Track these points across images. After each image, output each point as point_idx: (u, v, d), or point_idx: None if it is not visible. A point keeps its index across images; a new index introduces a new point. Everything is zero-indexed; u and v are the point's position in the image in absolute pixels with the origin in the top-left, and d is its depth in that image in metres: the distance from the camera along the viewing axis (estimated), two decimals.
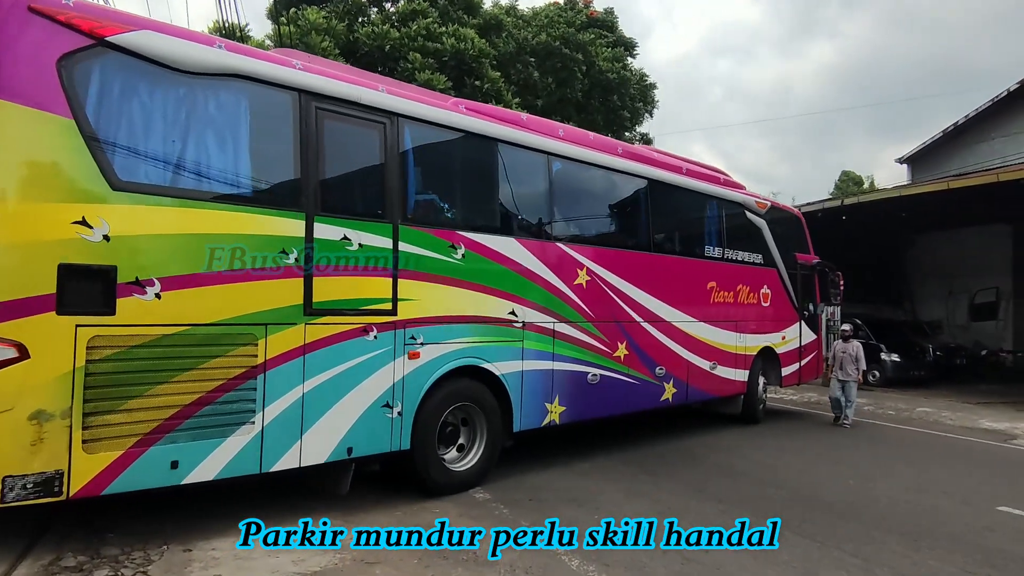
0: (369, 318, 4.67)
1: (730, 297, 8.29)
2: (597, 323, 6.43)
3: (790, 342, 9.68)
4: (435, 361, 5.07)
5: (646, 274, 7.08)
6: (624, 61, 15.70)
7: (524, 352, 5.76)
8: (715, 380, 8.06)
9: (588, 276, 6.37)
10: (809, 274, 10.33)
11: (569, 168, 6.39)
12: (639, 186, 7.15)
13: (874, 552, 4.26)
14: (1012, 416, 11.11)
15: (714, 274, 8.05)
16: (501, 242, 5.61)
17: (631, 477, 5.97)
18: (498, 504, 5.02)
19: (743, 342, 8.55)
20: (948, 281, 18.62)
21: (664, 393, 7.24)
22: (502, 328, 5.59)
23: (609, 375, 6.55)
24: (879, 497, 5.64)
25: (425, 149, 5.33)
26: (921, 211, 15.24)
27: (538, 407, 5.90)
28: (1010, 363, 16.59)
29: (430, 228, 5.13)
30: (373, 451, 4.71)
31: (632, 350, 6.80)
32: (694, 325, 7.67)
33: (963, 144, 19.14)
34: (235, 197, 4.11)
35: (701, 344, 7.77)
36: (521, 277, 5.76)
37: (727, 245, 8.31)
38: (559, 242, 6.15)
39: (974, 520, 5.10)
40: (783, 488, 5.80)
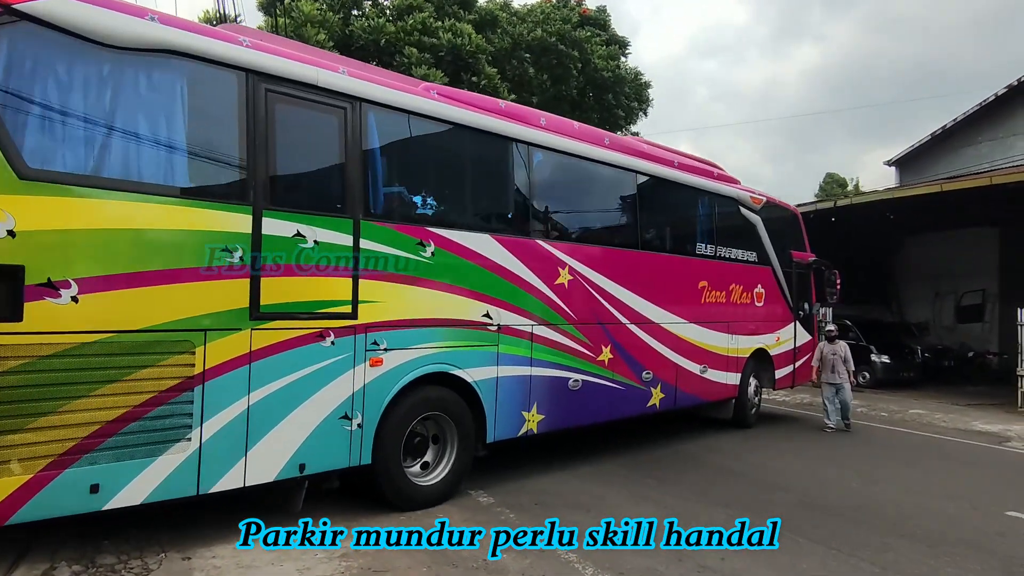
0: (325, 322, 4.29)
1: (722, 297, 7.94)
2: (580, 325, 6.08)
3: (784, 343, 9.36)
4: (400, 368, 4.70)
5: (633, 273, 6.72)
6: (619, 59, 15.69)
7: (499, 357, 5.40)
8: (705, 384, 7.72)
9: (570, 275, 6.00)
10: (805, 272, 10.00)
11: (551, 160, 6.00)
12: (627, 180, 6.77)
13: (891, 560, 4.20)
14: (1004, 418, 11.11)
15: (706, 273, 7.70)
16: (475, 239, 5.23)
17: (635, 481, 5.85)
18: (503, 508, 4.90)
19: (735, 344, 8.22)
20: (935, 283, 18.76)
21: (651, 398, 6.90)
22: (475, 332, 5.22)
23: (592, 380, 6.20)
24: (885, 501, 5.58)
25: (391, 138, 4.93)
26: (909, 213, 15.31)
27: (514, 416, 5.55)
28: (996, 365, 16.63)
29: (396, 224, 4.74)
30: (329, 467, 4.35)
31: (617, 354, 6.45)
32: (684, 326, 7.33)
33: (951, 148, 19.42)
34: (168, 188, 3.71)
35: (691, 346, 7.43)
36: (497, 277, 5.38)
37: (720, 242, 7.96)
38: (539, 239, 5.78)
39: (984, 525, 5.05)
40: (788, 491, 5.73)
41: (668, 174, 7.21)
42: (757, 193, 8.76)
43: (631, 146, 6.98)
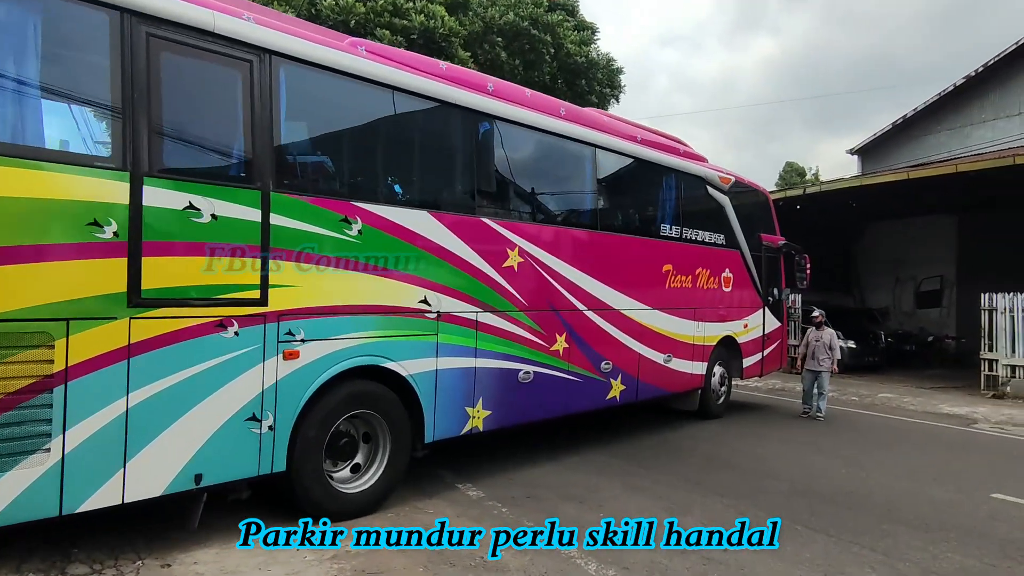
0: (227, 309, 3.74)
1: (688, 282, 7.56)
2: (531, 312, 5.61)
3: (752, 330, 9.04)
4: (321, 361, 4.18)
5: (591, 256, 6.28)
6: (591, 44, 15.62)
7: (439, 348, 4.91)
8: (670, 374, 7.35)
9: (521, 258, 5.52)
10: (775, 257, 9.68)
11: (500, 130, 5.48)
12: (585, 154, 6.30)
13: (892, 546, 4.24)
14: (968, 401, 11.40)
15: (670, 256, 7.29)
16: (411, 217, 4.71)
17: (625, 471, 5.80)
18: (495, 503, 4.80)
19: (701, 331, 7.87)
20: (895, 269, 19.31)
21: (611, 391, 6.50)
22: (411, 320, 4.72)
23: (545, 372, 5.76)
24: (874, 487, 5.65)
25: (310, 98, 4.36)
26: (871, 201, 15.59)
27: (457, 412, 5.08)
28: (953, 349, 17.25)
29: (315, 198, 4.19)
30: (233, 476, 3.82)
31: (573, 343, 6.02)
32: (647, 313, 6.93)
33: (911, 136, 19.97)
34: (20, 149, 3.10)
35: (654, 335, 7.04)
36: (436, 259, 4.88)
37: (686, 224, 7.55)
38: (486, 217, 5.27)
39: (974, 509, 5.15)
40: (779, 479, 5.76)
41: (630, 149, 6.75)
42: (725, 172, 8.38)
43: (590, 118, 6.49)
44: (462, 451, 5.92)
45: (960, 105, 19.07)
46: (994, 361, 12.33)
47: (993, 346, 12.32)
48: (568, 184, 6.33)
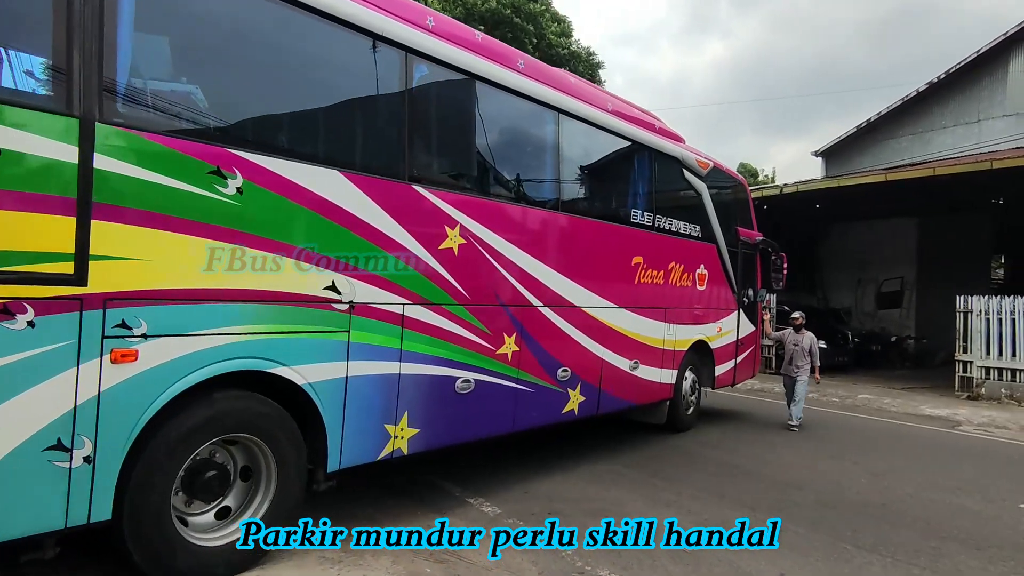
0: (13, 288, 2.59)
1: (659, 277, 6.66)
2: (474, 307, 4.59)
3: (726, 335, 8.23)
4: (172, 365, 3.04)
5: (550, 241, 5.30)
6: (571, 36, 15.47)
7: (351, 349, 3.83)
8: (636, 384, 6.42)
9: (463, 239, 4.49)
10: (751, 254, 8.87)
11: (439, 77, 4.42)
12: (546, 119, 5.29)
13: (952, 569, 4.01)
14: (945, 402, 11.52)
15: (641, 247, 6.37)
16: (315, 176, 3.61)
17: (643, 483, 5.50)
18: (515, 520, 4.41)
19: (672, 334, 6.98)
20: (858, 271, 19.67)
21: (568, 403, 5.53)
22: (313, 312, 3.62)
23: (489, 381, 4.74)
24: (902, 497, 5.47)
25: (165, 5, 3.21)
26: (836, 203, 15.81)
27: (373, 431, 4.01)
28: (914, 349, 17.87)
29: (169, 137, 3.06)
30: (20, 533, 2.67)
31: (525, 345, 5.02)
32: (612, 312, 5.98)
33: (874, 140, 20.49)
34: None
35: (620, 337, 6.10)
36: (350, 234, 3.79)
37: (659, 211, 6.64)
38: (419, 185, 4.22)
39: (1014, 522, 4.98)
40: (802, 489, 5.54)
41: (600, 118, 5.78)
42: (704, 156, 7.52)
43: (555, 78, 5.47)
44: (461, 460, 5.59)
45: (922, 111, 19.49)
46: (968, 363, 12.37)
47: (968, 348, 12.29)
48: (525, 154, 5.31)
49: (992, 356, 11.97)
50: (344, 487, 4.70)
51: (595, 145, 5.91)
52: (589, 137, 5.76)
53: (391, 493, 4.83)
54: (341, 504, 4.46)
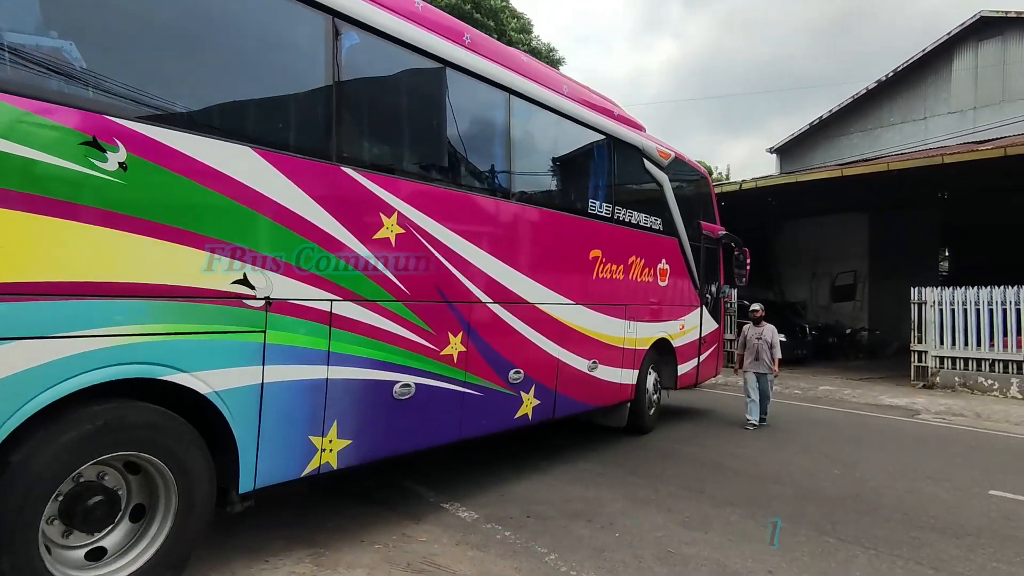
0: None
1: (619, 272, 6.35)
2: (415, 304, 4.15)
3: (689, 332, 7.94)
4: (36, 373, 2.52)
5: (501, 233, 4.90)
6: (532, 33, 15.27)
7: (268, 351, 3.35)
8: (595, 385, 6.07)
9: (401, 228, 4.05)
10: (714, 248, 8.62)
11: (374, 48, 3.98)
12: (495, 100, 4.89)
13: (935, 557, 4.00)
14: (903, 392, 11.80)
15: (599, 239, 6.02)
16: (221, 152, 3.12)
17: (621, 481, 5.38)
18: (494, 525, 4.24)
19: (633, 332, 6.66)
20: (812, 265, 20.13)
21: (521, 407, 5.14)
22: (218, 309, 3.13)
23: (433, 384, 4.31)
24: (875, 487, 5.48)
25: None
26: (792, 199, 16.15)
27: (296, 444, 3.54)
28: (867, 341, 18.32)
29: (33, 100, 2.54)
30: None
31: (473, 345, 4.61)
32: (569, 309, 5.62)
33: (826, 137, 21.10)
34: None
35: (578, 336, 5.74)
36: (266, 220, 3.31)
37: (619, 202, 6.32)
38: (349, 167, 3.76)
39: (985, 509, 5.01)
40: (780, 483, 5.51)
41: (555, 102, 5.40)
42: (665, 146, 7.25)
43: (504, 54, 5.06)
44: (433, 463, 5.40)
45: (871, 108, 20.09)
46: (923, 352, 12.61)
47: (922, 338, 12.48)
48: (472, 138, 4.89)
49: (946, 346, 12.21)
50: (309, 495, 4.57)
51: (549, 130, 5.54)
52: (543, 121, 5.38)
53: (361, 500, 4.58)
54: (308, 514, 4.22)
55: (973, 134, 17.26)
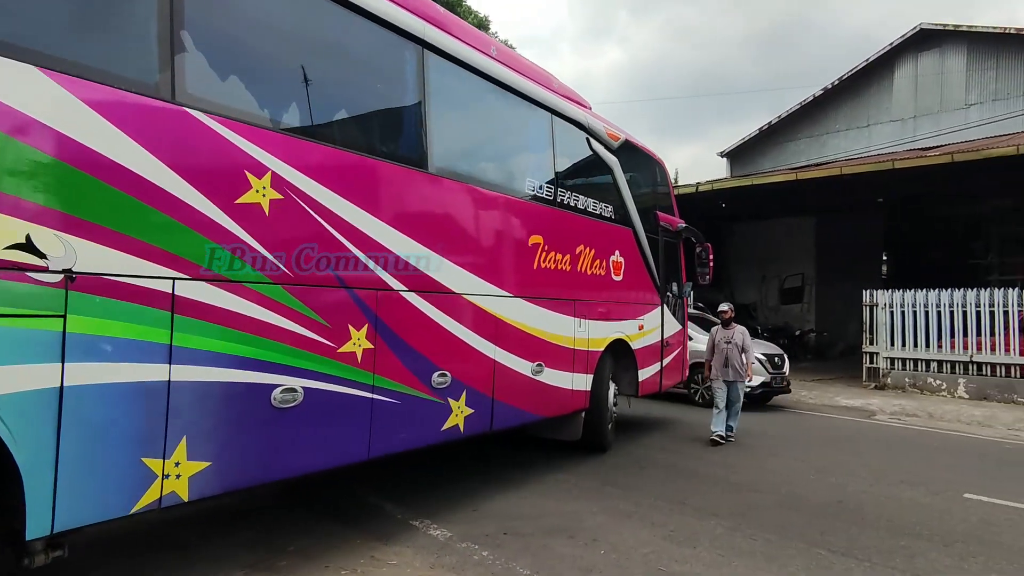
0: None
1: (565, 263, 5.54)
2: (299, 288, 3.25)
3: (650, 333, 7.09)
4: None
5: (418, 210, 4.06)
6: (489, 29, 14.87)
7: (70, 344, 2.40)
8: (541, 391, 5.18)
9: (278, 193, 3.16)
10: (674, 242, 7.80)
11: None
12: (406, 53, 4.08)
13: (929, 568, 3.79)
14: (857, 393, 11.76)
15: (541, 224, 5.22)
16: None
17: (597, 492, 5.06)
18: (470, 544, 3.83)
19: (585, 331, 5.83)
20: (762, 267, 20.01)
21: (449, 417, 4.22)
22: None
23: (328, 389, 3.38)
24: (854, 493, 5.31)
25: None
26: (741, 202, 16.08)
27: (120, 470, 2.57)
28: (814, 342, 18.31)
29: None
30: None
31: (384, 342, 3.71)
32: (506, 302, 4.77)
33: (775, 142, 21.18)
34: None
35: (518, 333, 4.88)
36: (64, 166, 2.40)
37: (562, 184, 5.56)
38: (199, 111, 2.87)
39: (965, 514, 4.88)
40: (759, 492, 5.26)
41: (480, 62, 4.60)
42: (614, 127, 6.54)
43: (414, 3, 4.26)
44: (399, 477, 5.02)
45: (818, 115, 20.17)
46: (875, 354, 12.59)
47: (874, 339, 12.43)
48: (377, 93, 4.03)
49: (896, 347, 12.17)
50: (266, 514, 4.13)
51: (476, 95, 4.75)
52: (468, 84, 4.59)
53: (324, 519, 4.17)
54: (269, 534, 3.85)
55: (913, 142, 17.40)
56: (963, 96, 17.56)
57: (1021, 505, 5.09)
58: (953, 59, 17.80)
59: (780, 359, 9.94)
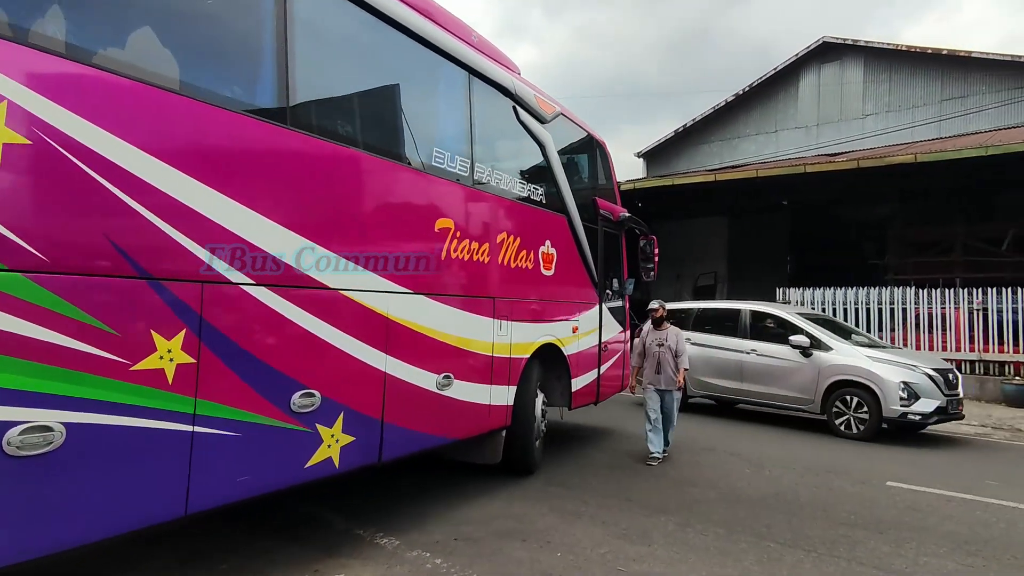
0: None
1: (483, 253, 4.48)
2: (58, 279, 2.06)
3: (586, 336, 5.97)
4: None
5: (275, 175, 2.91)
6: None
7: None
8: (449, 409, 4.10)
9: (23, 135, 1.95)
10: (615, 234, 6.73)
11: None
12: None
13: (871, 555, 3.79)
14: None
15: (450, 205, 4.16)
16: None
17: (542, 492, 4.77)
18: (421, 552, 3.52)
19: (507, 335, 4.78)
20: (677, 266, 19.90)
21: (318, 448, 3.06)
22: None
23: (113, 424, 2.19)
24: (789, 485, 5.32)
25: None
26: (659, 202, 16.07)
27: None
28: None
29: None
30: None
31: (213, 353, 2.53)
32: (404, 300, 3.67)
33: (689, 144, 21.22)
34: None
35: (419, 339, 3.79)
36: None
37: (481, 159, 4.52)
38: None
39: (892, 501, 4.95)
40: (701, 487, 5.18)
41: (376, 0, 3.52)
42: (548, 98, 5.51)
43: None
44: (344, 489, 4.42)
45: (730, 119, 20.34)
46: None
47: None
48: (206, 13, 2.86)
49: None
50: (196, 530, 3.61)
51: (365, 38, 3.63)
52: (352, 22, 3.47)
53: (262, 534, 3.72)
54: (199, 554, 3.35)
55: (816, 148, 17.85)
56: (861, 107, 18.14)
57: (938, 491, 5.22)
58: (852, 71, 18.35)
59: (954, 377, 7.52)
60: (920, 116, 16.91)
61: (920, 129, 16.50)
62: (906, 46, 17.50)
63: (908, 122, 17.00)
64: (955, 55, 16.39)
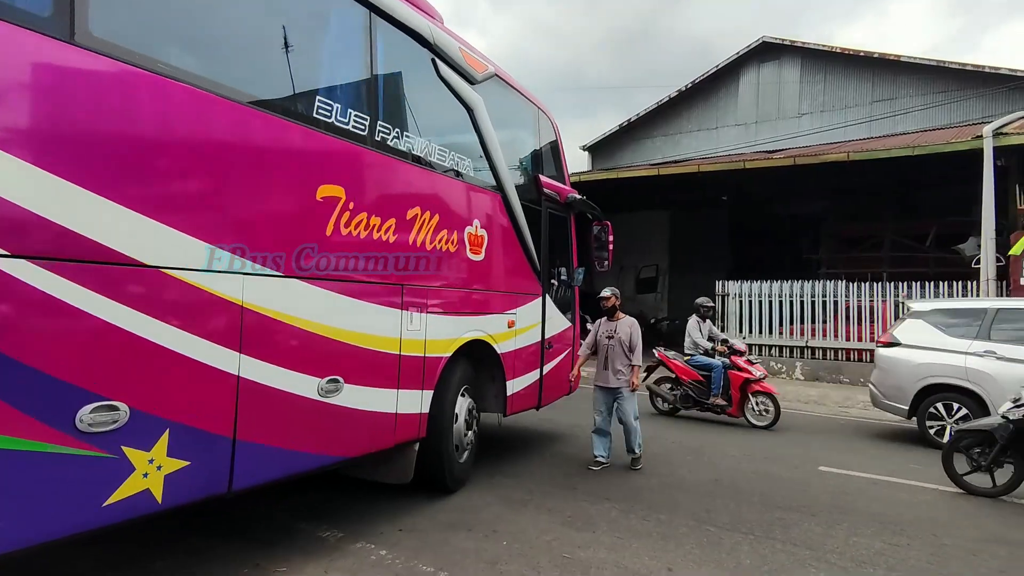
0: None
1: (387, 231, 3.61)
2: None
3: (525, 332, 5.20)
4: None
5: (59, 113, 2.02)
6: None
7: None
8: (337, 420, 3.26)
9: None
10: (562, 216, 5.99)
11: None
12: None
13: (805, 538, 3.85)
14: None
15: (342, 169, 3.31)
16: None
17: (487, 482, 4.67)
18: (364, 544, 3.42)
19: (422, 330, 3.96)
20: (619, 258, 19.93)
21: (125, 480, 2.19)
22: None
23: None
24: (728, 471, 5.32)
25: None
26: (603, 195, 15.86)
27: None
28: (666, 329, 18.45)
29: None
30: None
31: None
32: (268, 285, 2.82)
33: (633, 139, 21.07)
34: None
35: (294, 334, 2.96)
36: None
37: (389, 119, 3.67)
38: None
39: (823, 485, 5.01)
40: (643, 474, 5.11)
41: None
42: (479, 54, 4.68)
43: None
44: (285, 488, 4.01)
45: (673, 115, 20.21)
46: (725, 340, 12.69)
47: (724, 327, 12.48)
48: None
49: (744, 333, 12.38)
50: (127, 533, 3.09)
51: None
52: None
53: (199, 532, 3.38)
54: (131, 558, 3.07)
55: (754, 145, 17.85)
56: (797, 106, 18.24)
57: (865, 475, 5.34)
58: (789, 71, 18.42)
59: None
60: (852, 116, 17.11)
61: (852, 129, 16.70)
62: (840, 48, 17.69)
63: (841, 122, 17.18)
64: (885, 58, 16.64)
